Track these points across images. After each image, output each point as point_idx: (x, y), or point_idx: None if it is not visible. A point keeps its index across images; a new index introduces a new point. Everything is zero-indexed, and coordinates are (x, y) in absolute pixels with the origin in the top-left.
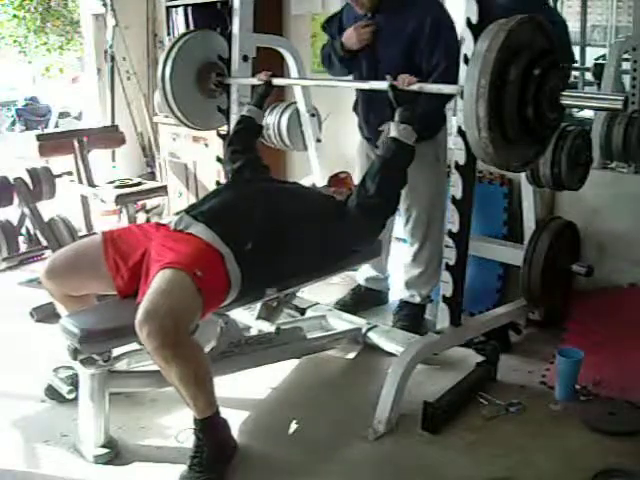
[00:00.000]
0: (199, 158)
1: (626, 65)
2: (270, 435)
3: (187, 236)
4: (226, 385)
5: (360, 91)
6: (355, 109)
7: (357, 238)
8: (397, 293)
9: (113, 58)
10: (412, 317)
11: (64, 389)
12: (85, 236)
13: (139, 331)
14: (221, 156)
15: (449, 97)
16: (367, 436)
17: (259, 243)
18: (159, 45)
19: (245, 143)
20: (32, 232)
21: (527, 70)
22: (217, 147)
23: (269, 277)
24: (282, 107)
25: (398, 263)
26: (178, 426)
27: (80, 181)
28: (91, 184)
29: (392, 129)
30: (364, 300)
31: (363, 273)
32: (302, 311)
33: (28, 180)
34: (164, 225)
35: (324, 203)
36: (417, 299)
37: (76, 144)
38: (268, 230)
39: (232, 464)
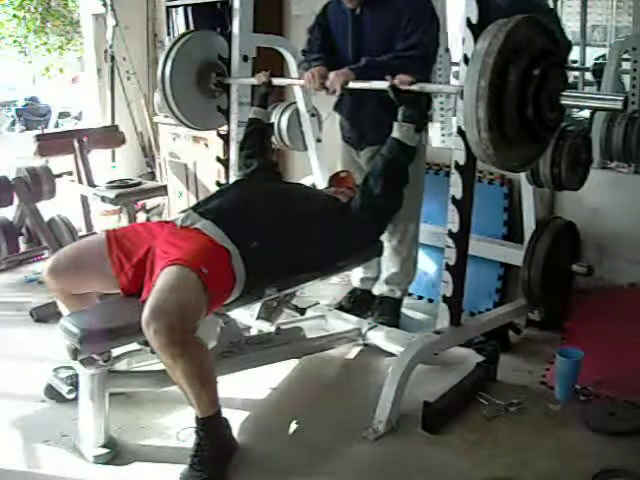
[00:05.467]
0: (199, 158)
1: (626, 65)
2: (270, 435)
3: (193, 232)
4: (226, 385)
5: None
6: (338, 108)
7: (360, 238)
8: (376, 288)
9: (113, 58)
10: (392, 311)
11: (64, 389)
12: (85, 236)
13: (146, 328)
14: (221, 156)
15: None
16: (367, 436)
17: (264, 242)
18: (159, 45)
19: (257, 145)
20: (32, 232)
21: (527, 70)
22: (217, 147)
23: (272, 275)
24: (282, 107)
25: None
26: (178, 426)
27: (80, 181)
28: (91, 184)
29: (395, 129)
30: (361, 302)
31: (356, 275)
32: (302, 311)
33: (28, 180)
34: (169, 223)
35: (328, 204)
36: (397, 294)
37: (76, 144)
38: (273, 229)
39: (232, 463)
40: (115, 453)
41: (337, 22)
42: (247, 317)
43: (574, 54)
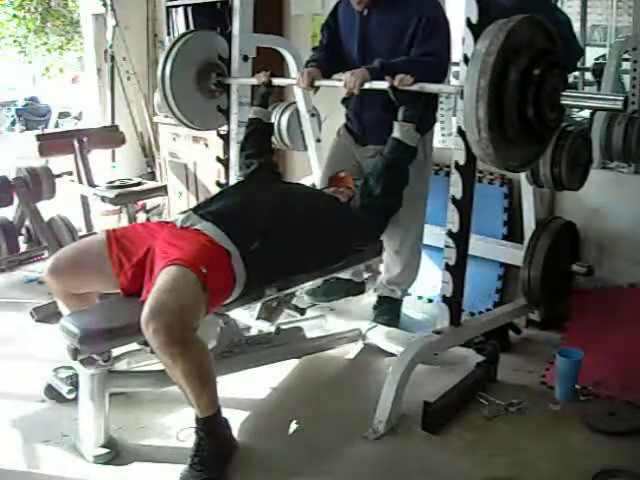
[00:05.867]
0: (199, 158)
1: (626, 65)
2: (270, 435)
3: (193, 233)
4: (226, 385)
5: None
6: (345, 102)
7: (360, 238)
8: (376, 288)
9: (113, 58)
10: (392, 311)
11: (64, 389)
12: (85, 236)
13: (145, 328)
14: (221, 156)
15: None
16: (367, 436)
17: (264, 242)
18: (159, 45)
19: (258, 145)
20: (32, 232)
21: (527, 70)
22: (217, 147)
23: (272, 275)
24: (282, 107)
25: None
26: (178, 426)
27: (80, 181)
28: (91, 184)
29: (395, 129)
30: (336, 289)
31: None
32: (302, 311)
33: (28, 180)
34: (170, 223)
35: (328, 204)
36: (398, 294)
37: (76, 144)
38: (273, 230)
39: (232, 463)
40: (115, 453)
41: (346, 22)
42: (247, 317)
43: None
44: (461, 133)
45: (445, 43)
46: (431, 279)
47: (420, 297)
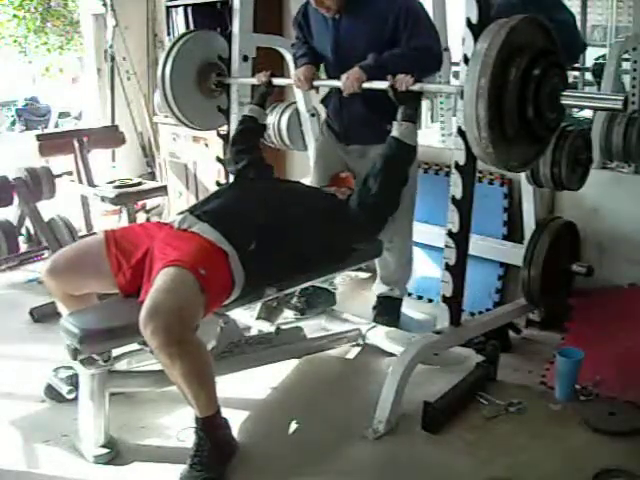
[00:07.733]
0: (199, 158)
1: (626, 65)
2: (270, 435)
3: (191, 235)
4: (226, 385)
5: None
6: (324, 102)
7: (358, 237)
8: (375, 287)
9: (113, 58)
10: (392, 311)
11: (64, 389)
12: (85, 236)
13: (143, 328)
14: (221, 156)
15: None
16: (367, 436)
17: (262, 243)
18: (159, 45)
19: (249, 142)
20: (32, 232)
21: (527, 70)
22: (217, 147)
23: (271, 276)
24: (282, 107)
25: None
26: (178, 426)
27: (80, 181)
28: (91, 184)
29: (394, 128)
30: (314, 301)
31: None
32: (302, 311)
33: (28, 180)
34: (167, 224)
35: (326, 202)
36: (397, 293)
37: (76, 144)
38: (271, 230)
39: (232, 463)
40: (115, 453)
41: (317, 23)
42: (247, 317)
43: None
44: (461, 133)
45: (431, 31)
46: (431, 279)
47: (420, 297)
